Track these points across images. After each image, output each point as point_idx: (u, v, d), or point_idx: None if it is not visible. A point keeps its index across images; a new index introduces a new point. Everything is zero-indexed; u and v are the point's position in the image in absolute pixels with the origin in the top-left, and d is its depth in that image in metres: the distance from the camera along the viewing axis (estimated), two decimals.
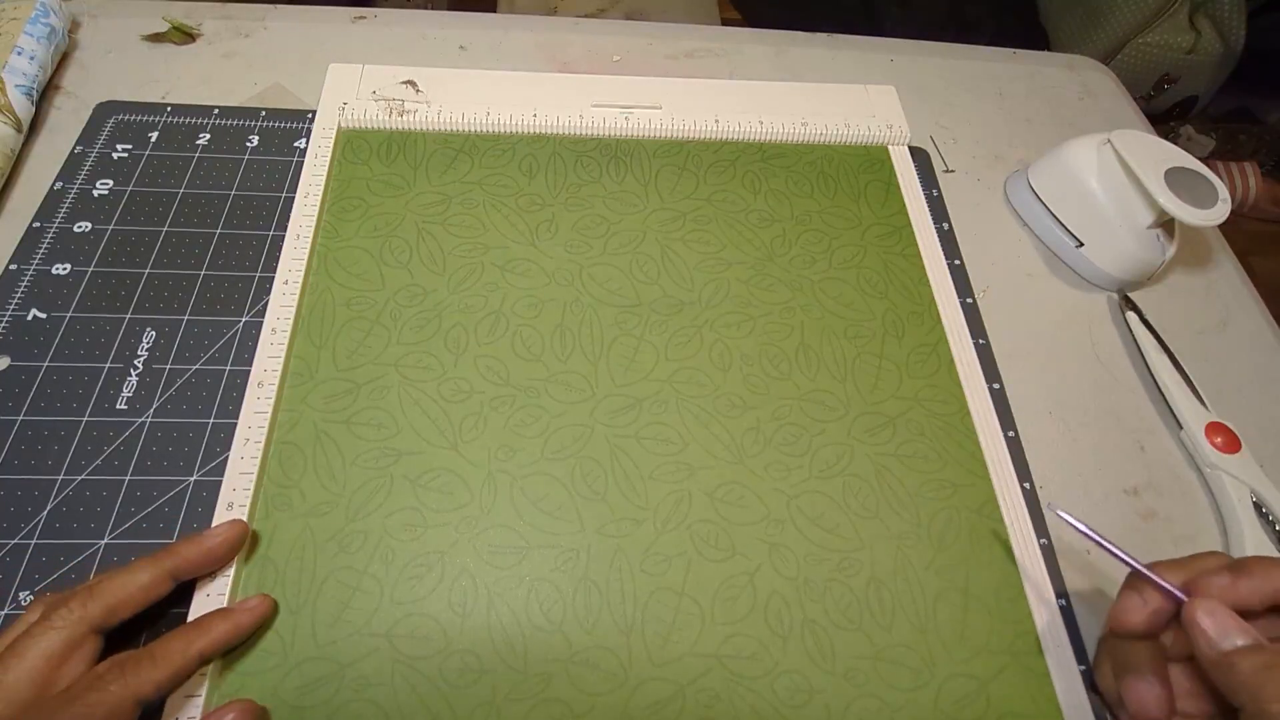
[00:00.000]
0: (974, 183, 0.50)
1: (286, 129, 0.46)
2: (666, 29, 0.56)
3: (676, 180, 0.46)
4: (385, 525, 0.33)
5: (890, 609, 0.33)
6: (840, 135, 0.48)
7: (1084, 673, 0.32)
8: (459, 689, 0.30)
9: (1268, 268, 1.18)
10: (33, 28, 0.45)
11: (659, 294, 0.41)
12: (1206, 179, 0.41)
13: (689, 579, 0.33)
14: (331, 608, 0.31)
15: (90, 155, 0.44)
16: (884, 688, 0.31)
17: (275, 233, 0.42)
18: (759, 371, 0.39)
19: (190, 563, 0.29)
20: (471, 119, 0.46)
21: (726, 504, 0.35)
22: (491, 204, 0.43)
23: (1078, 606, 0.34)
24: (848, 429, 0.37)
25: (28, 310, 0.38)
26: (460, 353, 0.38)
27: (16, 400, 0.35)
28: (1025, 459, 0.38)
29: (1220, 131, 1.28)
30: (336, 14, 0.53)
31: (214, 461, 0.34)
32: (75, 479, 0.33)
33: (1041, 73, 0.57)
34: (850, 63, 0.55)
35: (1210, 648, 0.25)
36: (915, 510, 0.35)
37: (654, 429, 0.36)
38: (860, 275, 0.43)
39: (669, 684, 0.30)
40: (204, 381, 0.36)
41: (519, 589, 0.32)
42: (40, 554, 0.31)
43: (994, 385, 0.40)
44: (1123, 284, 0.45)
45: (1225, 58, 1.14)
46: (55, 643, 0.25)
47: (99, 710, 0.24)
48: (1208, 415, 0.39)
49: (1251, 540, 0.36)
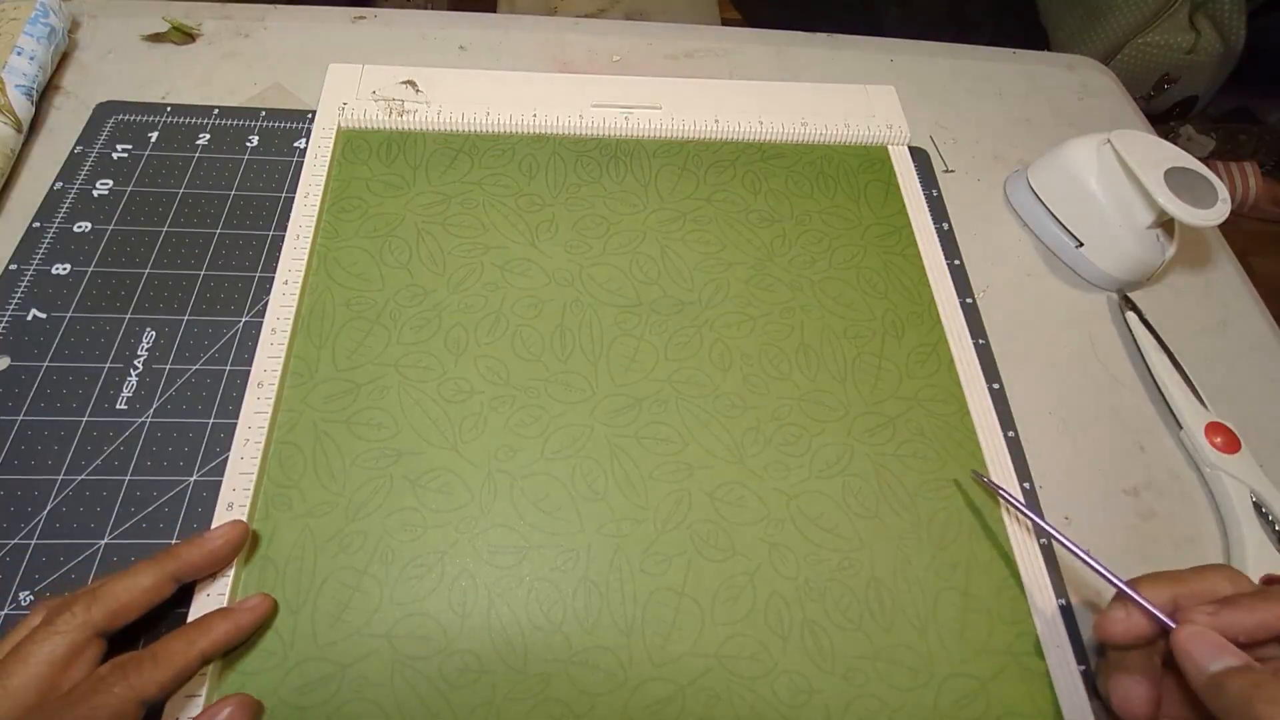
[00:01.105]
0: (974, 183, 0.50)
1: (286, 129, 0.46)
2: (666, 29, 0.56)
3: (676, 180, 0.46)
4: (385, 525, 0.33)
5: (890, 609, 0.33)
6: (840, 135, 0.48)
7: (1084, 673, 0.32)
8: (459, 689, 0.30)
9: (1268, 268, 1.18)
10: (33, 28, 0.45)
11: (659, 294, 0.41)
12: (1206, 179, 0.41)
13: (689, 579, 0.33)
14: (331, 608, 0.31)
15: (90, 155, 0.44)
16: (884, 688, 0.31)
17: (275, 233, 0.42)
18: (759, 371, 0.39)
19: (192, 565, 0.29)
20: (471, 119, 0.46)
21: (726, 504, 0.35)
22: (491, 204, 0.43)
23: (1077, 607, 0.34)
24: (848, 429, 0.37)
25: (28, 310, 0.38)
26: (460, 353, 0.38)
27: (16, 400, 0.35)
28: (1025, 459, 0.38)
29: (1220, 131, 1.28)
30: (336, 14, 0.53)
31: (214, 461, 0.34)
32: (75, 479, 0.33)
33: (1041, 73, 0.57)
34: (850, 63, 0.55)
35: (1199, 672, 0.25)
36: (915, 510, 0.35)
37: (654, 429, 0.36)
38: (860, 275, 0.43)
39: (669, 684, 0.30)
40: (204, 381, 0.36)
41: (519, 589, 0.32)
42: (40, 554, 0.31)
43: (994, 385, 0.40)
44: (1122, 284, 0.45)
45: (1225, 58, 1.13)
46: (59, 647, 0.25)
47: (103, 712, 0.24)
48: (1208, 415, 0.39)
49: (1251, 540, 0.35)
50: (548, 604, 0.32)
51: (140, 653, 0.26)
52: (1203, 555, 0.36)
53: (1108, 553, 0.30)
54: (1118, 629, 0.28)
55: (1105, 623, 0.28)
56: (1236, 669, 0.25)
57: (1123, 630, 0.28)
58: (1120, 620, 0.28)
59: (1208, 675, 0.25)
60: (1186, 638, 0.26)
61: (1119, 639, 0.28)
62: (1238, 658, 0.25)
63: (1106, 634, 0.28)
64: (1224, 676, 0.25)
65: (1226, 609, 0.26)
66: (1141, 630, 0.28)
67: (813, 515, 0.35)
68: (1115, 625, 0.28)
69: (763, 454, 0.36)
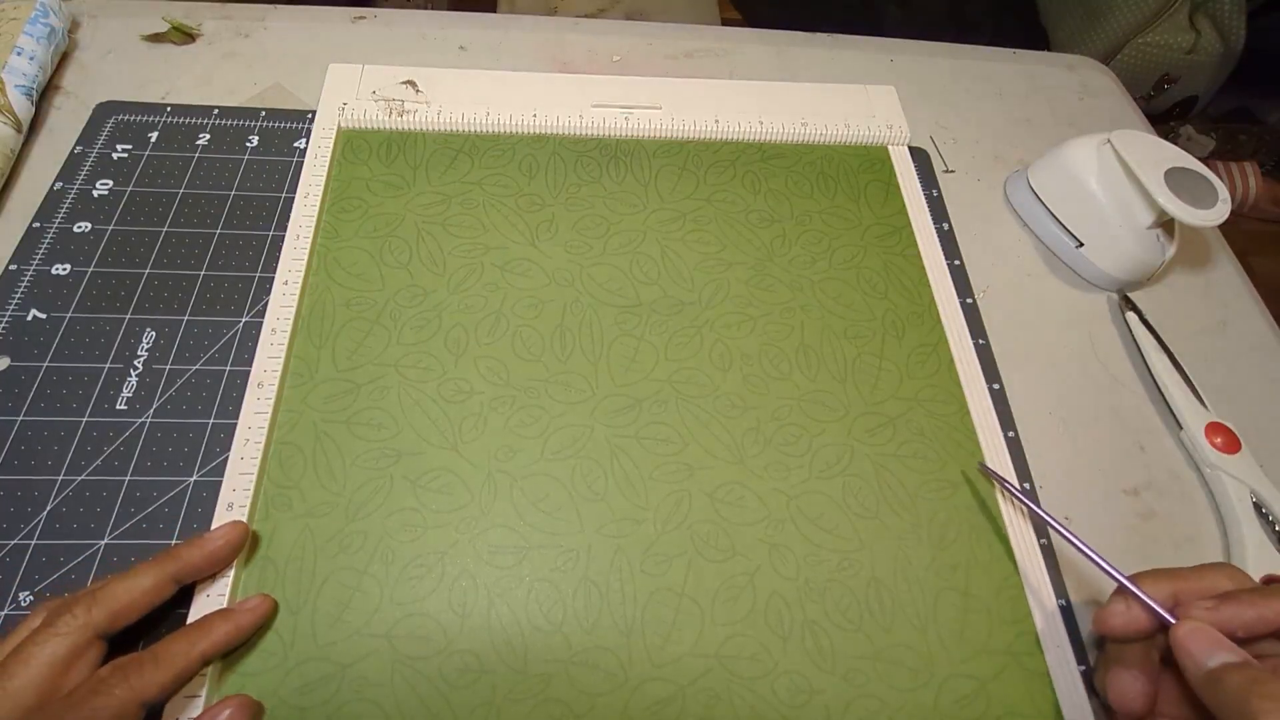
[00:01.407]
0: (974, 183, 0.50)
1: (286, 129, 0.46)
2: (666, 29, 0.56)
3: (676, 180, 0.45)
4: (385, 526, 0.33)
5: (890, 609, 0.33)
6: (840, 135, 0.48)
7: (1084, 673, 0.32)
8: (459, 689, 0.30)
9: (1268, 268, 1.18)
10: (32, 28, 0.45)
11: (659, 294, 0.41)
12: (1206, 179, 0.41)
13: (689, 579, 0.33)
14: (331, 608, 0.31)
15: (90, 155, 0.44)
16: (884, 688, 0.31)
17: (275, 233, 0.42)
18: (759, 372, 0.39)
19: (192, 566, 0.29)
20: (471, 119, 0.46)
21: (726, 504, 0.35)
22: (491, 204, 0.43)
23: (1078, 607, 0.34)
24: (848, 429, 0.37)
25: (28, 310, 0.38)
26: (460, 353, 0.38)
27: (16, 400, 0.35)
28: (1025, 459, 0.38)
29: (1220, 131, 1.28)
30: (336, 14, 0.53)
31: (214, 462, 0.34)
32: (75, 479, 0.33)
33: (1041, 73, 0.57)
34: (850, 63, 0.55)
35: (1197, 668, 0.25)
36: (915, 510, 0.35)
37: (654, 429, 0.36)
38: (860, 275, 0.43)
39: (669, 684, 0.30)
40: (204, 382, 0.36)
41: (519, 589, 0.32)
42: (40, 554, 0.31)
43: (994, 385, 0.40)
44: (1123, 284, 0.45)
45: (1225, 58, 1.13)
46: (60, 649, 0.25)
47: (103, 714, 0.24)
48: (1208, 415, 0.39)
49: (1251, 540, 0.36)
50: (548, 604, 0.32)
51: (141, 654, 0.26)
52: (1203, 555, 0.36)
53: (1108, 553, 0.30)
54: (1117, 622, 0.28)
55: (1105, 615, 0.28)
56: (1234, 665, 0.25)
57: (1122, 624, 0.28)
58: (1120, 614, 0.28)
59: (1205, 671, 0.25)
60: (1185, 633, 0.26)
61: (1118, 632, 0.28)
62: (1235, 654, 0.25)
63: (1106, 627, 0.28)
64: (1221, 672, 0.25)
65: (1226, 604, 0.26)
66: (1140, 624, 0.28)
67: (813, 516, 0.35)
68: (1115, 618, 0.28)
69: (763, 454, 0.36)
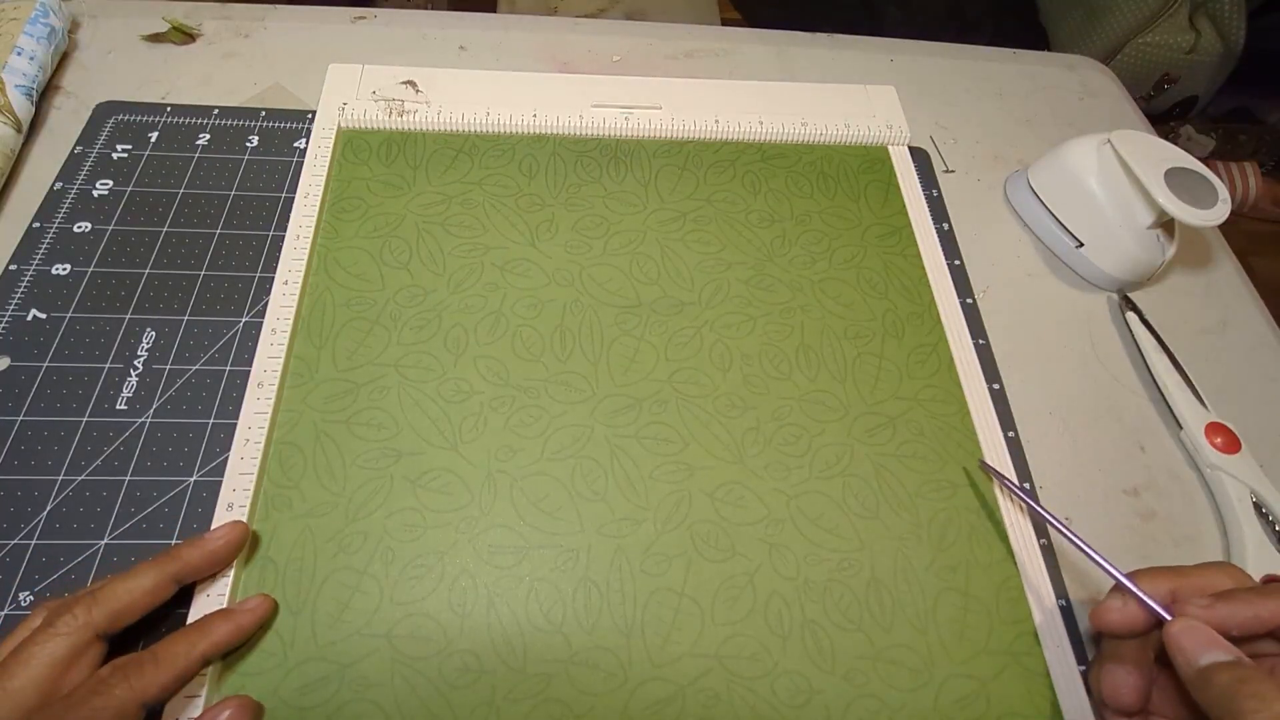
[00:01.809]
0: (974, 183, 0.50)
1: (286, 129, 0.46)
2: (666, 29, 0.56)
3: (676, 180, 0.45)
4: (385, 526, 0.33)
5: (890, 609, 0.33)
6: (840, 135, 0.48)
7: (1084, 673, 0.32)
8: (459, 689, 0.30)
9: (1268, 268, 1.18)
10: (32, 28, 0.45)
11: (659, 294, 0.41)
12: (1206, 179, 0.41)
13: (689, 579, 0.33)
14: (331, 608, 0.31)
15: (90, 155, 0.44)
16: (884, 688, 0.31)
17: (275, 233, 0.42)
18: (759, 372, 0.39)
19: (192, 566, 0.29)
20: (471, 119, 0.46)
21: (726, 504, 0.35)
22: (491, 204, 0.43)
23: (1077, 607, 0.34)
24: (848, 429, 0.37)
25: (28, 310, 0.38)
26: (460, 353, 0.38)
27: (16, 400, 0.35)
28: (1025, 459, 0.38)
29: (1220, 131, 1.28)
30: (336, 14, 0.53)
31: (214, 462, 0.34)
32: (75, 479, 0.33)
33: (1041, 73, 0.57)
34: (850, 63, 0.55)
35: (1189, 665, 0.25)
36: (915, 510, 0.35)
37: (654, 429, 0.36)
38: (860, 275, 0.43)
39: (669, 684, 0.30)
40: (204, 382, 0.36)
41: (519, 589, 0.32)
42: (40, 554, 0.31)
43: (994, 385, 0.40)
44: (1123, 284, 0.45)
45: (1225, 58, 1.13)
46: (60, 649, 0.25)
47: (104, 714, 0.24)
48: (1208, 415, 0.39)
49: (1251, 540, 0.36)
50: (548, 604, 0.32)
51: (141, 654, 0.26)
52: (1202, 555, 0.36)
53: (1107, 553, 0.30)
54: (1113, 618, 0.28)
55: (1102, 611, 0.28)
56: (1225, 663, 0.25)
57: (1118, 620, 0.28)
58: (1116, 610, 0.28)
59: (1197, 668, 0.25)
60: (1179, 631, 0.26)
61: (1114, 628, 0.28)
62: (1228, 652, 0.25)
63: (1102, 623, 0.28)
64: (1212, 670, 0.25)
65: (1222, 602, 0.26)
66: (1137, 621, 0.27)
67: (813, 515, 0.35)
68: (1111, 614, 0.28)
69: (763, 454, 0.36)
